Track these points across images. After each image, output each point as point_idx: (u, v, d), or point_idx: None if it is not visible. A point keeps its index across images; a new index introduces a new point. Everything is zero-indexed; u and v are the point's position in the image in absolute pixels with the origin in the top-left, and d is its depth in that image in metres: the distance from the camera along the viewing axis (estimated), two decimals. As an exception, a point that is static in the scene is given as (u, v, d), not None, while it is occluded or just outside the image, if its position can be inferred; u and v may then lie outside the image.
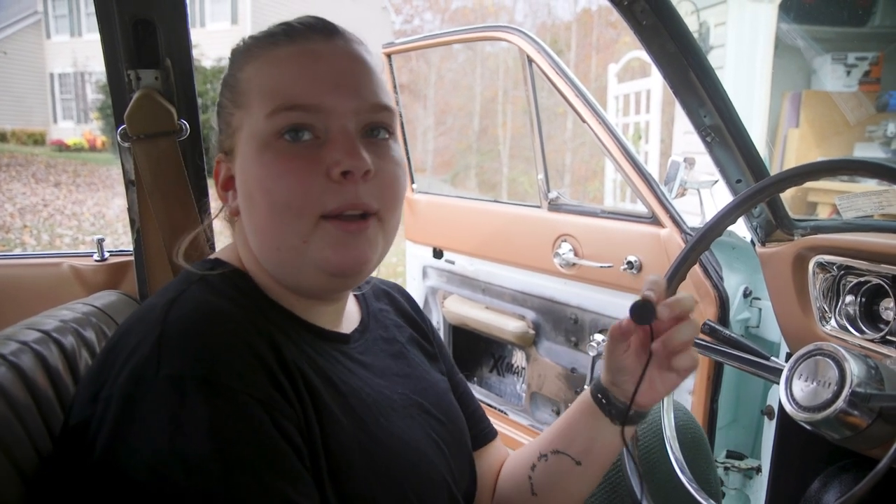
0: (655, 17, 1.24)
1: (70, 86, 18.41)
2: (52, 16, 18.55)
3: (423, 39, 2.50)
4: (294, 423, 0.64)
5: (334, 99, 0.69)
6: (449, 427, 0.86)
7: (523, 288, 2.23)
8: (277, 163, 0.69)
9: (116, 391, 0.61)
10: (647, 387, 0.78)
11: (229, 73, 0.76)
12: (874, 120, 4.21)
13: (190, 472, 0.57)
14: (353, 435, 0.70)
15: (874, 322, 1.16)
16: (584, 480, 0.88)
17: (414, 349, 0.92)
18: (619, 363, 0.80)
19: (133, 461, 0.59)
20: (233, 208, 0.76)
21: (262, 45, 0.73)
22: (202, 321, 0.65)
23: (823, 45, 4.34)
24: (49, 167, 12.93)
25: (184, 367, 0.61)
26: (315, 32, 0.72)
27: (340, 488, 0.67)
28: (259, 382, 0.63)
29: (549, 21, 17.41)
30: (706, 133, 1.39)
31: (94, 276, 1.35)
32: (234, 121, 0.73)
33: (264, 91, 0.70)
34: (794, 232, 1.42)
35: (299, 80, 0.69)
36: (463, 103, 15.92)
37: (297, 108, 0.69)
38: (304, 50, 0.71)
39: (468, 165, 15.05)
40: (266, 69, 0.71)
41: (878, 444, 0.83)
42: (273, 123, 0.69)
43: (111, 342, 0.68)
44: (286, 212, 0.69)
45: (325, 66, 0.70)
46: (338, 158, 0.68)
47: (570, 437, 0.87)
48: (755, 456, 1.78)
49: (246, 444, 0.60)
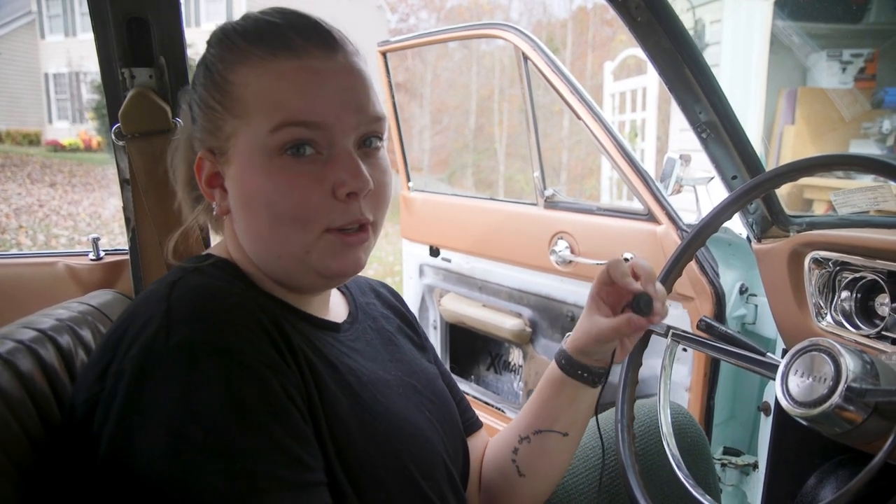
0: (650, 13, 1.24)
1: (65, 86, 18.36)
2: (46, 16, 18.48)
3: (419, 37, 2.49)
4: (297, 391, 0.66)
5: (338, 117, 0.70)
6: (441, 407, 0.89)
7: (520, 286, 2.24)
8: (282, 178, 0.70)
9: (128, 363, 0.63)
10: (620, 347, 0.91)
11: (216, 70, 0.74)
12: (870, 116, 4.22)
13: (206, 431, 0.59)
14: (352, 410, 0.72)
15: (869, 318, 1.16)
16: (569, 448, 0.96)
17: (402, 338, 0.95)
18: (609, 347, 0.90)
19: (150, 424, 0.60)
20: (222, 207, 0.76)
21: (260, 54, 0.71)
22: (207, 295, 0.67)
23: (819, 41, 4.35)
24: (44, 167, 12.89)
25: (193, 334, 0.62)
26: (317, 47, 0.71)
27: (341, 454, 0.69)
28: (265, 349, 0.65)
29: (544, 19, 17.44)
30: (702, 130, 1.39)
31: (90, 276, 1.35)
32: (228, 127, 0.72)
33: (266, 105, 0.70)
34: (789, 228, 1.42)
35: (304, 97, 0.70)
36: (459, 102, 15.93)
37: (301, 125, 0.69)
38: (308, 67, 0.70)
39: (464, 164, 15.05)
40: (266, 82, 0.70)
41: (873, 440, 0.83)
42: (277, 139, 0.69)
43: (113, 327, 0.69)
44: (291, 225, 0.71)
45: (330, 84, 0.71)
46: (343, 179, 0.70)
47: (555, 415, 0.93)
48: (752, 452, 1.78)
49: (259, 404, 0.62)
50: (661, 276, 1.05)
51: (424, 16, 20.07)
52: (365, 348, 0.84)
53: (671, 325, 1.01)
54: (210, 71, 0.74)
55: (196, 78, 0.77)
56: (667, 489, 1.04)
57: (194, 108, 0.77)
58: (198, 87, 0.76)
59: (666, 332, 1.01)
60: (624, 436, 0.97)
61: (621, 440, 0.97)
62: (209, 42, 0.76)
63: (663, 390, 1.02)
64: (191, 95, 0.78)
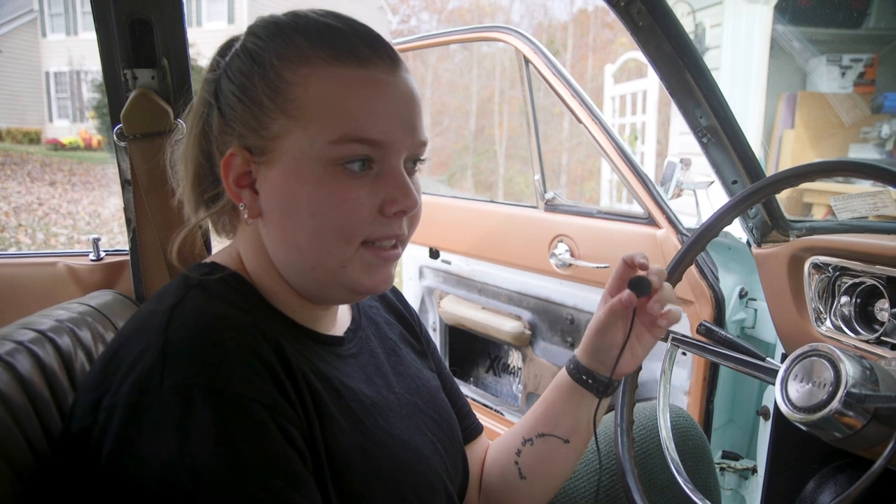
0: (651, 17, 1.24)
1: (66, 84, 18.36)
2: (48, 14, 18.48)
3: (420, 39, 2.50)
4: (298, 428, 0.65)
5: (397, 136, 0.69)
6: (442, 425, 0.88)
7: (519, 288, 2.24)
8: (334, 191, 0.68)
9: (121, 400, 0.61)
10: (629, 354, 0.86)
11: (270, 66, 0.68)
12: (869, 121, 4.23)
13: (199, 480, 0.57)
14: (354, 437, 0.71)
15: (869, 323, 1.16)
16: (571, 456, 0.94)
17: (405, 347, 0.93)
18: (611, 340, 0.86)
19: (140, 471, 0.58)
20: (254, 210, 0.71)
21: (324, 57, 0.68)
22: (205, 328, 0.64)
23: (819, 46, 4.36)
24: (44, 166, 12.88)
25: (189, 375, 0.60)
26: (382, 60, 0.70)
27: (342, 490, 0.68)
28: (264, 388, 0.63)
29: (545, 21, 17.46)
30: (702, 134, 1.40)
31: (90, 276, 1.34)
32: (276, 126, 0.68)
33: (328, 112, 0.67)
34: (789, 233, 1.43)
35: (370, 113, 0.68)
36: (459, 103, 15.93)
37: (365, 143, 0.68)
38: (375, 80, 0.68)
39: (465, 166, 15.05)
40: (330, 87, 0.67)
41: (873, 445, 0.83)
42: (337, 152, 0.67)
43: (111, 349, 0.67)
44: (334, 237, 0.69)
45: (394, 101, 0.69)
46: (395, 197, 0.70)
47: (556, 420, 0.92)
48: (751, 456, 1.78)
49: (253, 451, 0.60)
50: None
51: (426, 17, 20.11)
52: (368, 362, 0.83)
53: (671, 330, 1.02)
54: (260, 64, 0.69)
55: (233, 67, 0.71)
56: (667, 493, 1.04)
57: (228, 98, 0.70)
58: (236, 78, 0.70)
59: (666, 336, 1.02)
60: (623, 440, 0.97)
61: (621, 444, 0.97)
62: (255, 33, 0.71)
63: (663, 394, 1.02)
64: (223, 84, 0.71)
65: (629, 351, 0.86)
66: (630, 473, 0.94)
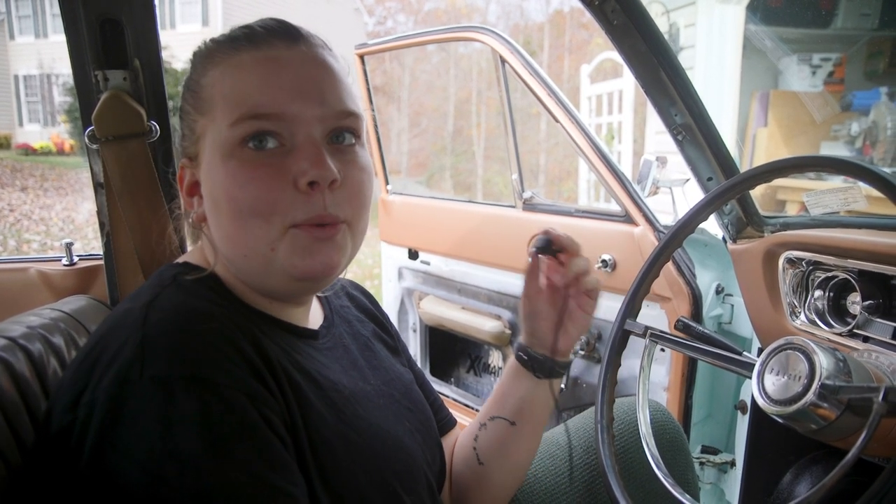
0: (626, 16, 1.25)
1: (36, 88, 18.01)
2: (16, 16, 18.12)
3: (397, 40, 2.49)
4: (279, 417, 0.65)
5: (298, 107, 0.69)
6: (419, 416, 0.89)
7: (499, 288, 2.24)
8: (243, 171, 0.68)
9: (101, 395, 0.60)
10: (562, 333, 0.92)
11: (191, 78, 0.75)
12: (839, 119, 4.31)
13: (183, 469, 0.57)
14: (335, 426, 0.71)
15: (842, 316, 1.18)
16: (521, 441, 0.96)
17: (378, 343, 0.94)
18: (534, 307, 0.93)
19: (124, 463, 0.58)
20: (199, 214, 0.75)
21: (225, 50, 0.72)
22: (184, 320, 0.65)
23: (790, 45, 4.43)
24: (15, 171, 12.63)
25: (169, 367, 0.60)
26: (278, 38, 0.71)
27: (325, 478, 0.68)
28: (244, 378, 0.63)
29: (521, 22, 17.53)
30: (677, 132, 1.41)
31: (63, 281, 1.32)
32: (198, 127, 0.72)
33: (227, 98, 0.70)
34: (764, 229, 1.45)
35: (262, 88, 0.69)
36: (437, 105, 15.94)
37: (260, 117, 0.68)
38: (267, 56, 0.70)
39: (443, 167, 15.06)
40: (228, 75, 0.70)
41: (847, 435, 0.85)
42: (237, 132, 0.68)
43: (87, 348, 0.66)
44: (253, 219, 0.69)
45: (289, 73, 0.69)
46: (304, 168, 0.68)
47: (503, 401, 0.96)
48: (729, 450, 1.80)
49: (236, 438, 0.60)
50: (639, 277, 1.06)
51: (402, 19, 20.09)
52: (343, 356, 0.83)
53: (649, 326, 1.02)
54: (187, 82, 0.75)
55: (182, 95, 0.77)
56: (647, 487, 1.04)
57: (180, 122, 0.77)
58: (182, 103, 0.76)
59: (644, 332, 1.02)
60: (604, 436, 0.98)
61: (601, 441, 0.97)
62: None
63: (642, 390, 1.03)
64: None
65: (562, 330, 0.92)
66: (611, 470, 0.95)
